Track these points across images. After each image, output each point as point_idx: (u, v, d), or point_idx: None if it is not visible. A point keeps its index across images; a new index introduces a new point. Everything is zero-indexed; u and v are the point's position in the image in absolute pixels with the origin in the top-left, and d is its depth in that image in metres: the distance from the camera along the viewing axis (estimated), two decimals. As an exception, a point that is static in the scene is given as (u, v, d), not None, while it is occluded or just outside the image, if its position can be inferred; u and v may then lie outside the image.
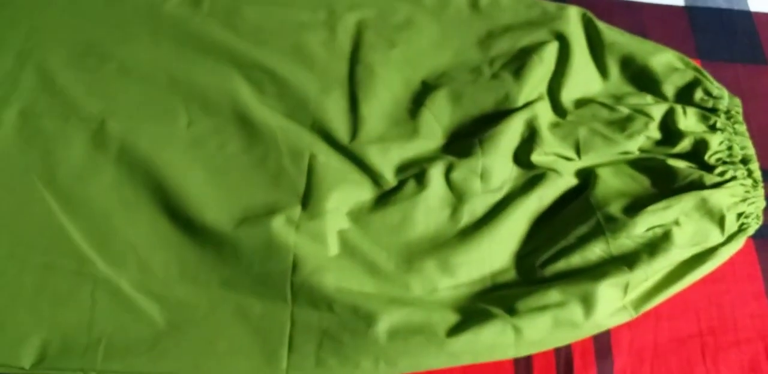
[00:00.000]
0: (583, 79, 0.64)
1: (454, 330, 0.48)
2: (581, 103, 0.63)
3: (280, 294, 0.50)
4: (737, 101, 0.62)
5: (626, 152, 0.59)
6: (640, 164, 0.59)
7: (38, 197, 0.54)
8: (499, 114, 0.59)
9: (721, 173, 0.56)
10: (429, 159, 0.57)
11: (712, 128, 0.59)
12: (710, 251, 0.54)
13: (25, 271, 0.51)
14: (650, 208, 0.53)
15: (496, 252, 0.54)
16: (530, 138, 0.58)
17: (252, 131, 0.58)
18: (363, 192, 0.56)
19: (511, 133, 0.57)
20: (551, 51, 0.63)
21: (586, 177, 0.58)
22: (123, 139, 0.57)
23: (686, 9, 0.78)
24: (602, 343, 0.54)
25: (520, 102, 0.60)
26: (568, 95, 0.63)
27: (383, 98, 0.61)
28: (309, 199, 0.54)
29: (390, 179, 0.57)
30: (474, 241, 0.54)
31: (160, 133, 0.58)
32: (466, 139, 0.58)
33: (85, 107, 0.59)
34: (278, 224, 0.52)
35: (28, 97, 0.59)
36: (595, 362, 0.53)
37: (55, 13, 0.65)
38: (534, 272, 0.54)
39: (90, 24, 0.64)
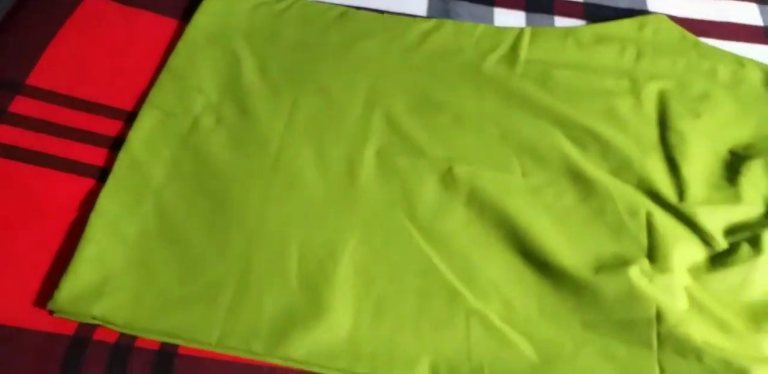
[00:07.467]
0: None
1: (825, 392, 0.51)
2: None
3: (645, 340, 0.55)
4: None
5: None
6: None
7: (405, 230, 0.61)
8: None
9: None
10: (757, 225, 0.62)
11: None
12: None
13: (405, 294, 0.57)
14: None
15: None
16: None
17: (585, 186, 0.64)
18: (697, 251, 0.61)
19: (839, 206, 0.62)
20: None
21: None
22: (470, 183, 0.64)
23: None
24: None
25: (840, 177, 0.64)
26: None
27: (699, 163, 0.66)
28: (654, 254, 0.59)
29: (720, 241, 0.61)
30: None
31: (502, 180, 0.65)
32: (789, 208, 0.63)
33: (430, 150, 0.67)
34: (635, 274, 0.57)
35: (381, 138, 0.68)
36: None
37: (390, 65, 0.74)
38: None
39: (420, 76, 0.73)
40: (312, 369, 0.54)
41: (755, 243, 0.60)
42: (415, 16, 0.81)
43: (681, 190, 0.64)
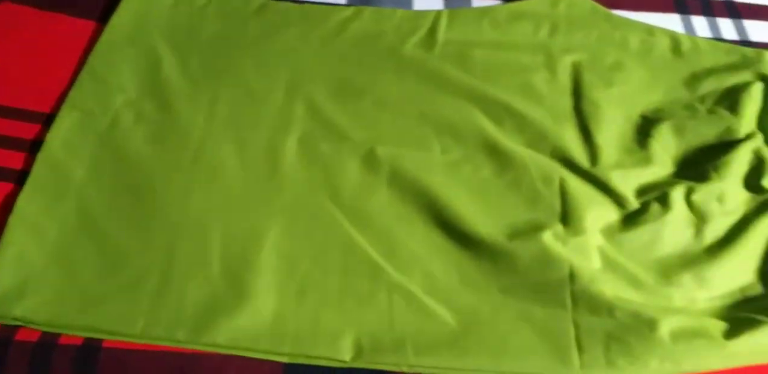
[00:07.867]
0: None
1: (730, 335, 0.53)
2: None
3: (559, 301, 0.56)
4: None
5: None
6: None
7: (328, 211, 0.62)
8: (723, 145, 0.66)
9: None
10: (666, 184, 0.63)
11: None
12: None
13: (329, 274, 0.58)
14: None
15: (741, 269, 0.60)
16: (758, 165, 0.64)
17: (501, 159, 0.66)
18: (610, 213, 0.62)
19: (741, 160, 0.64)
20: (758, 90, 0.71)
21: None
22: (391, 163, 0.65)
23: None
24: None
25: (742, 134, 0.66)
26: None
27: (611, 129, 0.68)
28: (568, 218, 0.61)
29: (632, 201, 0.63)
30: (722, 258, 0.59)
31: (421, 158, 0.66)
32: (696, 166, 0.65)
33: (352, 134, 0.67)
34: (548, 238, 0.58)
35: (303, 126, 0.68)
36: None
37: (310, 54, 0.75)
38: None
39: (341, 63, 0.74)
40: (236, 352, 0.54)
41: (664, 201, 0.62)
42: (335, 5, 0.82)
43: (594, 156, 0.66)
